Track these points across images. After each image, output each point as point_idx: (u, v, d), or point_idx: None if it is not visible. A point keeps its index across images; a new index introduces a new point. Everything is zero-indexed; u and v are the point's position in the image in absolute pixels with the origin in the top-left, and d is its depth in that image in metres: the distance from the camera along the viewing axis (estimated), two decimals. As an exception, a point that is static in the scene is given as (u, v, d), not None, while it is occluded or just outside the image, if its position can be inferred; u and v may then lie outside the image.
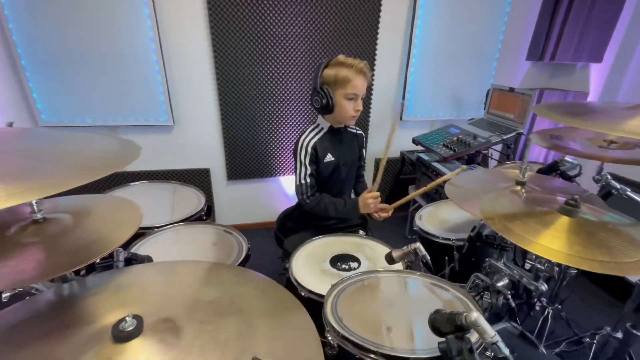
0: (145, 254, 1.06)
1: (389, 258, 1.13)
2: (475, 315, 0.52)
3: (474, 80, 2.69)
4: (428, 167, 2.32)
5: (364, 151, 1.64)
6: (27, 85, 1.99)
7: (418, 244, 1.08)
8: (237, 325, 0.67)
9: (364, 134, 1.63)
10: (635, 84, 2.26)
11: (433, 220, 1.61)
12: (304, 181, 1.42)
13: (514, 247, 1.27)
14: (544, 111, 1.07)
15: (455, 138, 2.24)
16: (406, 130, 2.73)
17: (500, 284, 1.06)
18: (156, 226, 1.39)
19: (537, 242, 0.70)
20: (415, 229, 1.56)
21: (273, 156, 2.54)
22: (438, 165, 2.23)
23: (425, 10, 2.38)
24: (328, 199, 1.45)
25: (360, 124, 2.45)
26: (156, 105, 2.19)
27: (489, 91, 2.47)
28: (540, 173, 1.39)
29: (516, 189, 1.12)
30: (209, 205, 1.64)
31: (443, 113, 2.77)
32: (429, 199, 2.29)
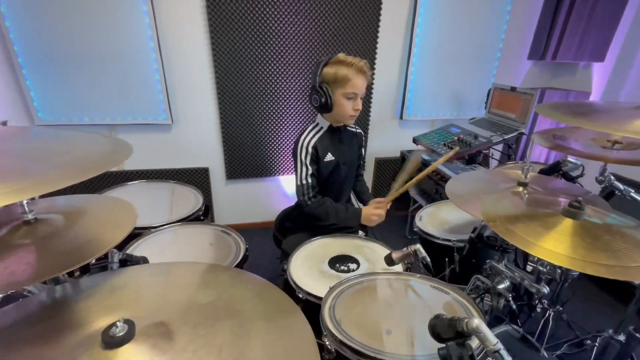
0: (142, 254, 1.05)
1: (389, 259, 1.12)
2: (477, 322, 0.50)
3: (475, 80, 2.67)
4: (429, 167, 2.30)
5: (364, 150, 1.63)
6: (24, 84, 1.97)
7: (418, 246, 1.06)
8: (232, 329, 0.66)
9: (363, 132, 1.62)
10: (638, 83, 2.24)
11: (433, 221, 1.59)
12: (305, 181, 1.40)
13: (516, 249, 1.25)
14: (546, 111, 1.05)
15: (456, 138, 2.22)
16: (406, 130, 2.71)
17: (501, 286, 1.04)
18: (153, 226, 1.37)
19: (540, 246, 0.68)
20: (416, 229, 1.54)
21: (272, 155, 2.53)
22: (439, 165, 2.21)
23: (426, 9, 2.35)
24: (330, 203, 1.43)
25: (360, 123, 2.43)
26: (154, 104, 2.17)
27: (490, 90, 2.45)
28: (542, 174, 1.37)
29: (518, 190, 1.10)
30: (206, 205, 1.63)
31: (444, 112, 2.75)
32: (430, 199, 2.27)
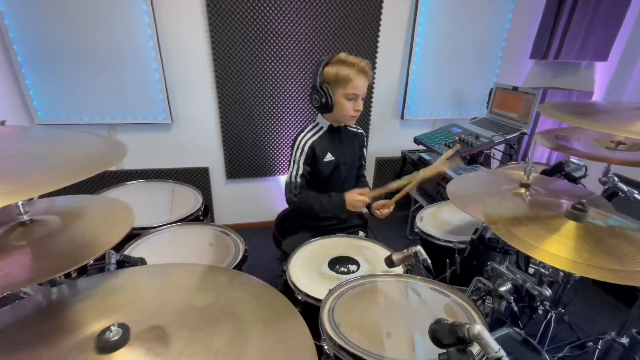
0: (141, 255, 1.04)
1: (389, 261, 1.11)
2: (479, 328, 0.49)
3: (477, 79, 2.65)
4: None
5: (365, 150, 1.62)
6: (24, 83, 1.96)
7: (419, 248, 1.05)
8: (229, 332, 0.65)
9: (364, 132, 1.60)
10: (641, 83, 2.22)
11: (434, 222, 1.58)
12: (294, 180, 1.41)
13: (517, 251, 1.24)
14: (549, 111, 1.04)
15: (457, 138, 2.21)
16: (407, 130, 2.70)
17: (502, 288, 1.03)
18: (152, 226, 1.36)
19: (543, 249, 0.66)
20: (416, 230, 1.53)
21: (272, 155, 2.51)
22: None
23: (427, 8, 2.34)
24: (313, 194, 1.43)
25: (360, 122, 2.42)
26: (154, 103, 2.16)
27: (491, 90, 2.43)
28: (544, 174, 1.36)
29: (520, 191, 1.09)
30: (206, 205, 1.62)
31: (445, 112, 2.73)
32: (431, 200, 2.26)
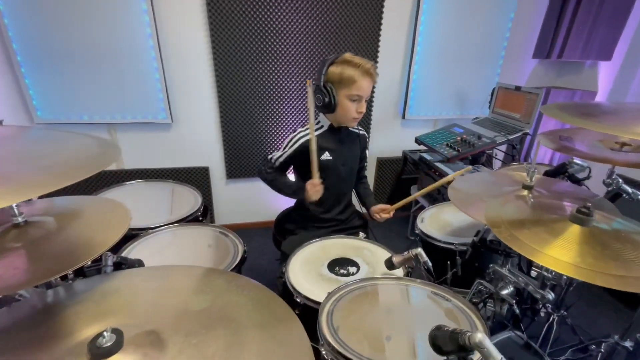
0: (139, 256, 1.03)
1: (389, 263, 1.10)
2: (480, 337, 0.48)
3: (479, 79, 2.63)
4: (431, 168, 2.27)
5: (366, 152, 1.60)
6: (23, 82, 1.95)
7: (419, 250, 1.04)
8: (226, 338, 0.63)
9: (367, 134, 1.59)
10: (646, 83, 2.20)
11: (435, 223, 1.56)
12: (274, 161, 1.45)
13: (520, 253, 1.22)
14: (553, 111, 1.02)
15: (459, 138, 2.19)
16: (409, 129, 2.68)
17: (504, 291, 1.01)
18: (150, 227, 1.35)
19: (546, 253, 0.65)
20: (417, 231, 1.52)
21: (273, 155, 2.50)
22: (441, 166, 2.18)
23: (429, 6, 2.31)
24: (283, 178, 1.50)
25: (361, 122, 2.39)
26: (154, 103, 2.15)
27: (494, 90, 2.41)
28: (547, 176, 1.34)
29: (523, 193, 1.07)
30: (205, 205, 1.61)
31: (446, 112, 2.71)
32: (432, 200, 2.24)
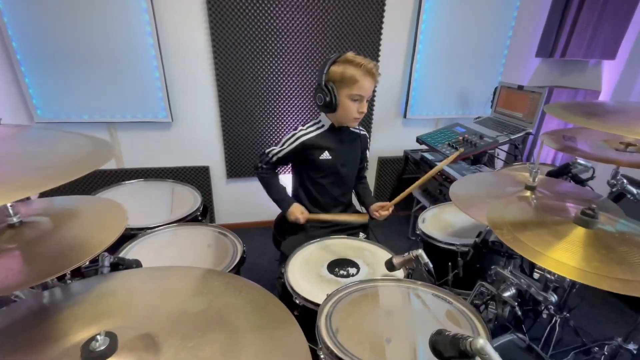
0: (138, 256, 1.02)
1: (390, 265, 1.08)
2: (482, 343, 0.46)
3: (481, 78, 2.61)
4: (432, 167, 2.25)
5: (367, 152, 1.59)
6: (23, 81, 1.95)
7: (420, 251, 1.02)
8: (222, 341, 0.62)
9: (367, 134, 1.57)
10: (650, 82, 2.17)
11: (437, 224, 1.55)
12: (270, 156, 1.42)
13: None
14: (556, 111, 1.00)
15: (461, 137, 2.17)
16: (410, 129, 2.66)
17: (506, 294, 1.00)
18: (149, 227, 1.34)
19: (550, 256, 0.64)
20: (418, 232, 1.50)
21: (273, 154, 2.49)
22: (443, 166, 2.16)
23: (431, 5, 2.30)
24: (276, 179, 1.47)
25: (362, 122, 2.37)
26: (154, 102, 2.14)
27: (496, 89, 2.39)
28: (550, 176, 1.32)
29: (525, 194, 1.05)
30: (205, 205, 1.60)
31: (448, 111, 2.69)
32: (433, 200, 2.23)
